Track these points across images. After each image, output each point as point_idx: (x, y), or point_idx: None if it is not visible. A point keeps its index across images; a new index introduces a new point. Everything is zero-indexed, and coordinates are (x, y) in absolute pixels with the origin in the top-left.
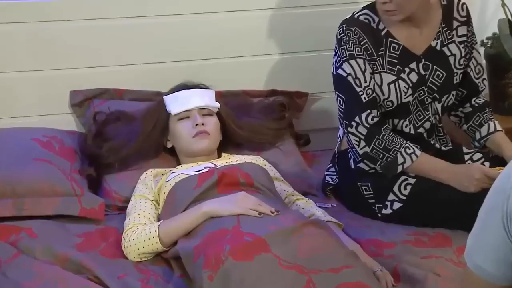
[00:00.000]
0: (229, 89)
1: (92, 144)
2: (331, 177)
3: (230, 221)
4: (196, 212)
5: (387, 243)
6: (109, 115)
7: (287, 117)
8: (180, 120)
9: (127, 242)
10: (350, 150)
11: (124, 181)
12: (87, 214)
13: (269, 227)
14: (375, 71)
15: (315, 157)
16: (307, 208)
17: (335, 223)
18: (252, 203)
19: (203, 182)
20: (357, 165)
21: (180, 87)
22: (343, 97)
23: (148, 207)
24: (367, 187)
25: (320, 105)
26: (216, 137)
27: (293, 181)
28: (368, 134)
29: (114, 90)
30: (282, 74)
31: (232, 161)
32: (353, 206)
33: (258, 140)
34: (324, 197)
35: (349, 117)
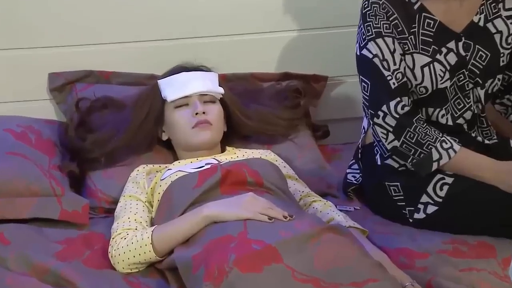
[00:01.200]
0: (235, 71)
1: (75, 136)
2: (353, 176)
3: (235, 227)
4: (196, 216)
5: (419, 253)
6: (94, 101)
7: (302, 105)
8: (178, 108)
9: (115, 251)
10: (376, 144)
11: (112, 179)
12: (68, 218)
13: (281, 234)
14: (406, 52)
15: (335, 152)
16: (326, 211)
17: (358, 229)
18: (261, 206)
19: (204, 181)
20: (385, 162)
21: (178, 70)
22: (368, 82)
23: (139, 209)
24: (396, 188)
25: (341, 91)
26: (219, 128)
27: (309, 180)
28: (397, 125)
29: (100, 73)
30: (297, 55)
31: (238, 156)
32: (380, 209)
33: (269, 131)
34: (346, 198)
35: (376, 105)
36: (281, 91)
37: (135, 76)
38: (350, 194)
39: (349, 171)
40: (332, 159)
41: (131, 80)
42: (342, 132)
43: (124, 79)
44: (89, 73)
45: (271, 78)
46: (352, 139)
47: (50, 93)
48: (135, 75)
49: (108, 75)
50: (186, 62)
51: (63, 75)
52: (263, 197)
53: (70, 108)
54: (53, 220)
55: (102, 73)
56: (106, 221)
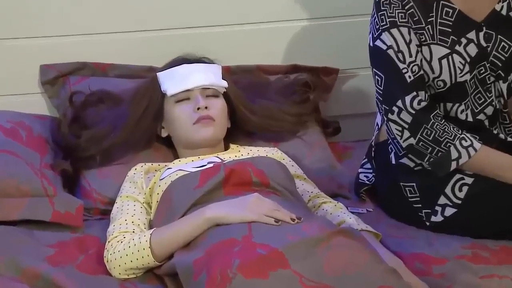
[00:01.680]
0: (240, 63)
1: (68, 132)
2: (366, 176)
3: (239, 230)
4: (198, 218)
5: (437, 259)
6: (89, 95)
7: (312, 100)
8: (178, 103)
9: (111, 255)
10: (390, 142)
11: (108, 179)
12: (61, 220)
13: (288, 237)
14: (423, 43)
15: (347, 150)
16: (336, 213)
17: (371, 232)
18: (267, 208)
19: (206, 181)
20: (400, 161)
21: (179, 61)
22: (382, 76)
23: (137, 211)
24: (412, 189)
25: (353, 85)
26: (222, 124)
27: (319, 180)
28: (413, 122)
29: (96, 65)
30: (306, 46)
31: (242, 155)
32: (394, 211)
33: (276, 128)
34: (358, 200)
35: (390, 100)
36: (289, 84)
37: (133, 69)
38: (363, 195)
39: (361, 170)
40: (343, 157)
41: (128, 73)
42: (354, 128)
43: (121, 72)
44: (84, 65)
45: (278, 71)
46: (364, 136)
47: (42, 87)
48: (133, 68)
49: (104, 67)
50: (188, 54)
51: (56, 67)
52: (269, 198)
53: (63, 103)
54: (44, 222)
55: (97, 65)
56: (101, 223)
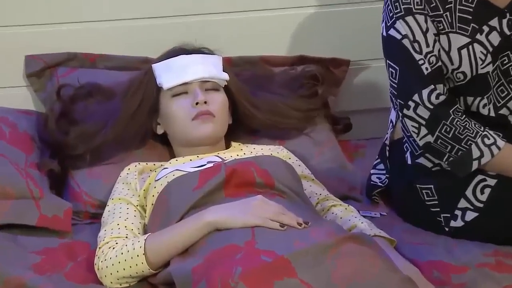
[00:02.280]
0: (242, 54)
1: (55, 129)
2: (378, 177)
3: (242, 235)
4: (197, 222)
5: (456, 267)
6: (78, 89)
7: (320, 94)
8: (175, 97)
9: (102, 262)
10: (406, 140)
11: (99, 179)
12: (48, 224)
13: (295, 244)
14: (440, 32)
15: (358, 148)
16: (347, 217)
17: (384, 238)
18: (272, 211)
19: (205, 182)
20: (416, 161)
21: (176, 52)
22: (397, 68)
23: (130, 214)
24: (430, 191)
25: (366, 77)
26: (223, 121)
27: (328, 181)
28: (431, 118)
29: (85, 55)
30: (313, 35)
31: (245, 153)
32: (410, 215)
33: (281, 124)
34: (370, 203)
35: (405, 95)
36: (295, 77)
37: (126, 60)
38: (376, 198)
39: (373, 171)
40: (354, 156)
41: (121, 64)
42: (366, 125)
43: (113, 63)
44: (73, 56)
45: (284, 62)
46: (378, 133)
47: (27, 79)
48: (125, 59)
49: (95, 58)
50: (185, 44)
51: (42, 58)
52: (274, 200)
53: (50, 97)
54: (30, 226)
55: (87, 56)
56: (91, 228)
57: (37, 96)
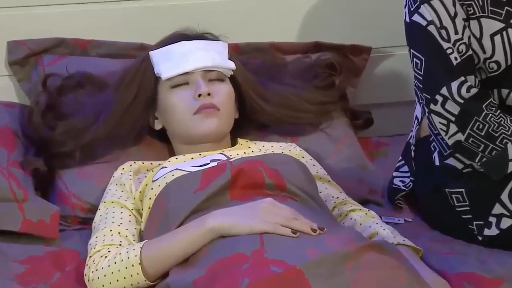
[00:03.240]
0: (250, 40)
1: (41, 123)
2: (402, 181)
3: (249, 243)
4: (199, 228)
5: (490, 280)
6: (66, 79)
7: (338, 85)
8: (175, 88)
9: (92, 273)
10: (433, 139)
11: (90, 180)
12: (32, 230)
13: (309, 252)
14: (471, 16)
15: (380, 146)
16: (367, 223)
17: (409, 247)
18: (283, 216)
19: (208, 183)
20: (445, 162)
21: (176, 38)
22: (422, 58)
23: (125, 219)
24: (460, 196)
25: (389, 66)
26: (229, 115)
27: (346, 183)
28: (461, 113)
29: (75, 41)
30: (330, 18)
31: (253, 151)
32: (438, 222)
33: (293, 119)
34: (393, 208)
35: (432, 88)
36: (309, 66)
37: (120, 46)
38: (399, 202)
39: (396, 174)
40: (376, 155)
41: (114, 51)
42: (389, 120)
43: (106, 50)
44: (61, 42)
45: (297, 50)
46: (402, 130)
47: (9, 68)
48: (119, 45)
49: (85, 44)
50: (187, 28)
51: (27, 44)
52: (285, 204)
53: (35, 87)
54: (13, 232)
55: (77, 42)
56: (81, 234)
57: (21, 86)
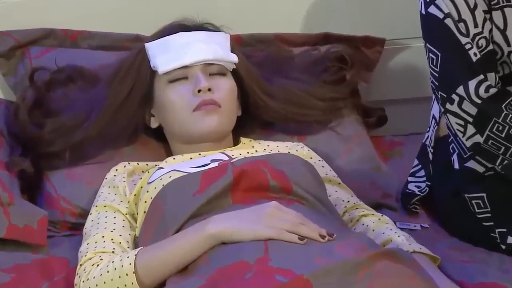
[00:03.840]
0: (254, 31)
1: (28, 121)
2: (418, 186)
3: (253, 250)
4: (198, 234)
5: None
6: (55, 73)
7: (349, 80)
8: (173, 83)
9: (83, 282)
10: (452, 140)
11: (80, 182)
12: (19, 236)
13: (317, 260)
14: (493, 7)
15: (395, 146)
16: (380, 229)
17: (426, 255)
18: (290, 221)
19: (209, 185)
20: (465, 165)
21: (173, 29)
22: (438, 54)
23: (118, 224)
24: (481, 201)
25: (404, 60)
26: (231, 112)
27: (358, 186)
28: (479, 115)
29: (64, 32)
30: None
31: (257, 151)
32: (457, 229)
33: (301, 117)
34: (408, 212)
35: (449, 86)
36: (318, 59)
37: (113, 38)
38: (416, 206)
39: (411, 179)
40: (390, 156)
41: (107, 43)
42: (404, 118)
43: (98, 41)
44: (49, 33)
45: (305, 41)
46: (418, 128)
47: None
48: (113, 36)
49: (76, 35)
50: (185, 18)
51: (12, 35)
52: (291, 208)
53: (22, 82)
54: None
55: (67, 33)
56: (71, 241)
57: (6, 81)
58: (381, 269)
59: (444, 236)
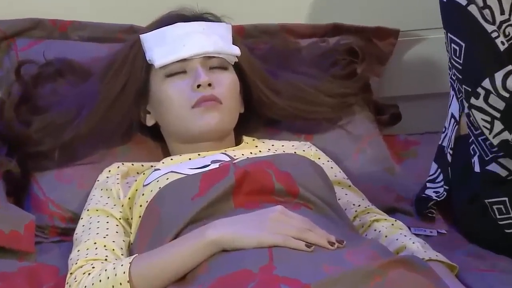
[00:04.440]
0: (258, 22)
1: (15, 118)
2: (436, 191)
3: (256, 258)
4: (198, 240)
5: None
6: (43, 66)
7: (360, 74)
8: (171, 78)
9: None
10: (473, 141)
11: (70, 184)
12: (4, 242)
13: (325, 269)
14: None
15: (409, 146)
16: (394, 236)
17: (443, 263)
18: (296, 227)
19: (209, 188)
20: (486, 168)
21: (171, 19)
22: (462, 44)
23: (111, 230)
24: (503, 206)
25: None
26: (233, 109)
27: (370, 189)
28: (508, 109)
29: (53, 23)
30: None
31: (260, 151)
32: (477, 235)
33: (308, 114)
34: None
35: (473, 79)
36: (327, 52)
37: (106, 28)
38: (433, 211)
39: (430, 185)
40: (404, 156)
41: (99, 35)
42: (420, 116)
43: (90, 33)
44: (37, 23)
45: (312, 33)
46: (435, 126)
47: None
48: (105, 27)
49: (65, 26)
50: (183, 8)
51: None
52: (298, 213)
53: (8, 76)
54: None
55: (56, 23)
56: (60, 247)
57: None
58: (394, 279)
59: (462, 243)
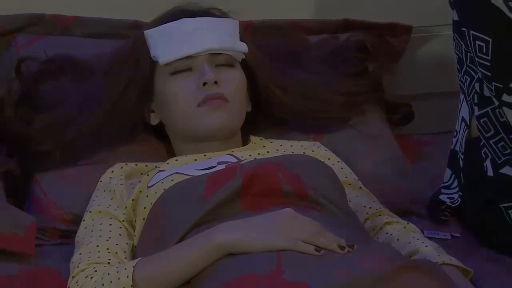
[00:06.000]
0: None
1: (15, 117)
2: (450, 197)
3: (264, 262)
4: (204, 244)
5: None
6: (45, 64)
7: (372, 72)
8: (176, 75)
9: None
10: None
11: (72, 186)
12: (4, 244)
13: (335, 274)
14: None
15: (423, 146)
16: (406, 239)
17: (457, 267)
18: (305, 230)
19: (216, 190)
20: (500, 171)
21: (176, 15)
22: (488, 39)
23: (114, 232)
24: None
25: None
26: (240, 107)
27: (382, 191)
28: None
29: (55, 18)
30: None
31: (268, 152)
32: (491, 239)
33: (318, 113)
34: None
35: (504, 74)
36: (338, 49)
37: (109, 24)
38: (446, 214)
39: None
40: (417, 157)
41: (103, 30)
42: (433, 115)
43: (92, 29)
44: (38, 19)
45: (323, 29)
46: (449, 126)
47: None
48: (109, 23)
49: (68, 21)
50: (189, 3)
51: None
52: (307, 215)
53: (7, 74)
54: None
55: (58, 19)
56: (62, 250)
57: None
58: (407, 283)
59: (477, 247)
